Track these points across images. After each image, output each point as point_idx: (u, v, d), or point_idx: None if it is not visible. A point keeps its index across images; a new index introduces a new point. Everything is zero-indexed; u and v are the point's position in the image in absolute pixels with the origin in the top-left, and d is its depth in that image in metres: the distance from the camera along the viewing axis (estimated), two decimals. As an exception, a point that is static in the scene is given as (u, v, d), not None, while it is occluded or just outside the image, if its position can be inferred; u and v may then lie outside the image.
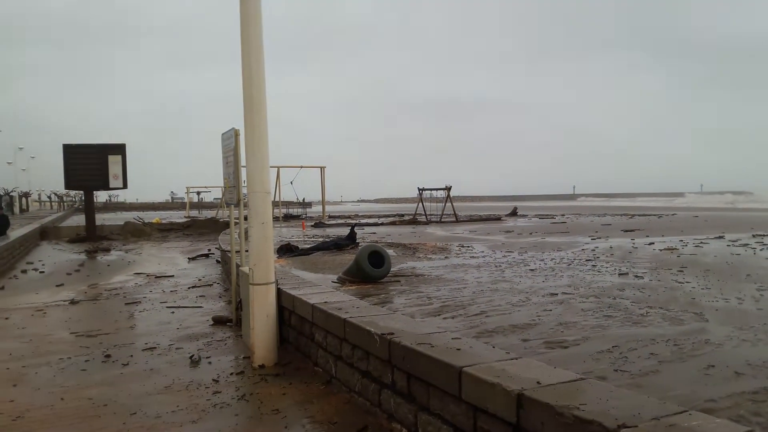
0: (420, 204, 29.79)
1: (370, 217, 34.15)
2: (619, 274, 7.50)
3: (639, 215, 29.42)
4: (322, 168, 33.37)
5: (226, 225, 17.31)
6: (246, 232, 5.48)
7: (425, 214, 28.66)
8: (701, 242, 12.47)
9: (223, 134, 6.11)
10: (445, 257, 10.26)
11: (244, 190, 5.21)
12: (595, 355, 3.75)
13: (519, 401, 2.32)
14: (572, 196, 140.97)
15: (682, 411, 2.10)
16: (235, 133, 5.60)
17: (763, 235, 14.24)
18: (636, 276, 7.33)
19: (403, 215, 33.55)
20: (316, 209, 42.05)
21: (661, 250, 10.72)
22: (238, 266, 6.27)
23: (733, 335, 4.22)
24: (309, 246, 12.23)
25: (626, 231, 17.02)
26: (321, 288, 5.36)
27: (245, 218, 5.50)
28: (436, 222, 25.99)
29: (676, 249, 10.93)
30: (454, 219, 27.25)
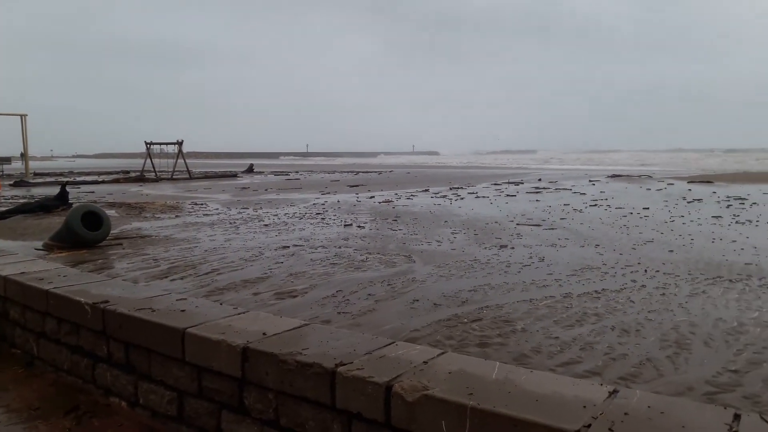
0: (148, 159, 27.41)
1: (89, 174, 30.08)
2: (345, 225, 8.12)
3: (363, 172, 32.26)
4: (23, 116, 28.01)
5: None
6: None
7: (154, 171, 26.53)
8: (411, 195, 14.31)
9: None
10: (176, 216, 9.66)
11: None
12: (321, 301, 3.99)
13: (244, 355, 2.33)
14: (305, 155, 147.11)
15: (390, 343, 2.38)
16: None
17: (458, 188, 17.05)
18: (359, 226, 8.03)
19: (128, 172, 30.47)
20: (17, 165, 35.35)
21: (380, 203, 11.96)
22: None
23: (433, 272, 4.96)
24: (6, 209, 10.22)
25: (351, 186, 18.49)
26: (18, 257, 4.61)
27: None
28: (167, 179, 24.27)
29: (391, 201, 12.33)
30: (187, 176, 25.85)
